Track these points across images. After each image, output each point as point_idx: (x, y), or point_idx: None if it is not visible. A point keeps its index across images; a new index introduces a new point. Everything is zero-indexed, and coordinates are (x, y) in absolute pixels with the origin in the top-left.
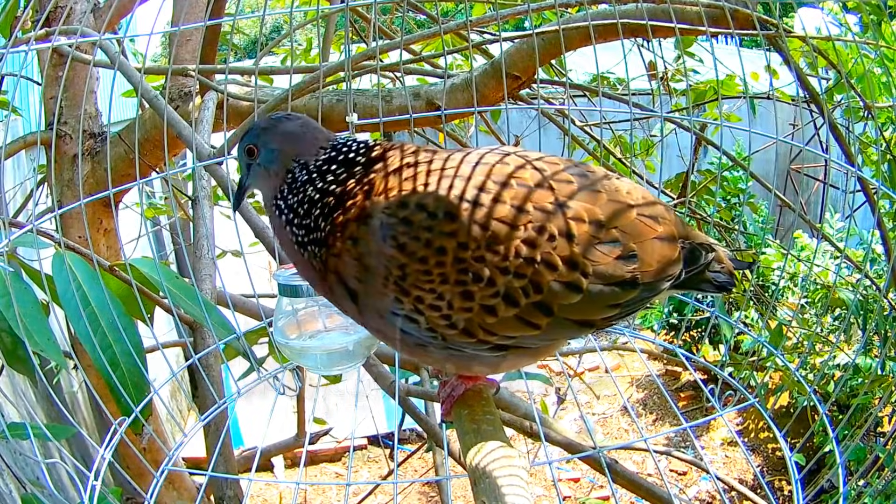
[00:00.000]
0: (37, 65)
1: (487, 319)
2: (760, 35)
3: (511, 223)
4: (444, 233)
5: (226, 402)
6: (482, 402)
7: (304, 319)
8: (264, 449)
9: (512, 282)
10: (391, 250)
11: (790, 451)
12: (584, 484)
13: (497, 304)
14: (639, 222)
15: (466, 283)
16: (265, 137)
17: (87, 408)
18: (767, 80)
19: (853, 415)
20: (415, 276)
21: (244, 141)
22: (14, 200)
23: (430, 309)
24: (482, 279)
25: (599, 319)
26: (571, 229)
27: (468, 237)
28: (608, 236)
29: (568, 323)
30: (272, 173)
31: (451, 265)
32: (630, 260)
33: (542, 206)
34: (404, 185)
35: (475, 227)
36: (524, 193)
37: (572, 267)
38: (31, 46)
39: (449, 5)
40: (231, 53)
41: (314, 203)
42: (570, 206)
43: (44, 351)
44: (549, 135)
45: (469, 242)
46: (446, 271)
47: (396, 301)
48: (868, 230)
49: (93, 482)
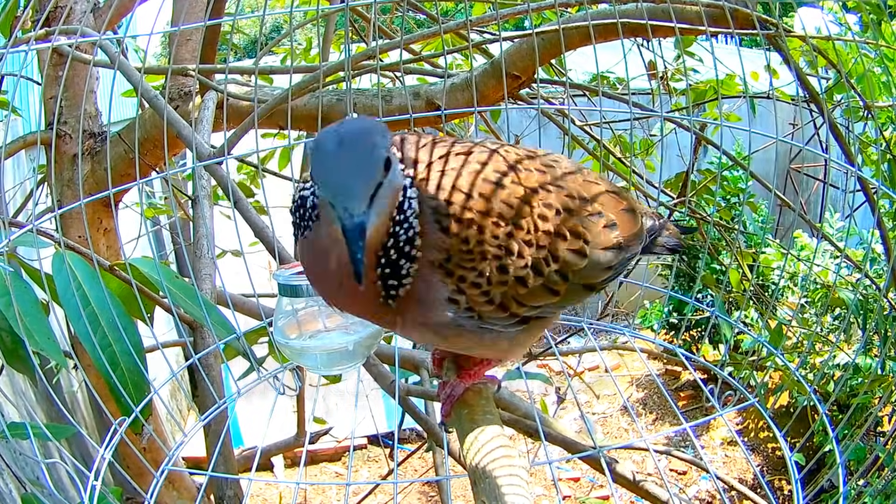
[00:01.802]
0: (37, 65)
1: (520, 290)
2: (760, 34)
3: (528, 201)
4: (480, 212)
5: (226, 402)
6: (482, 401)
7: (304, 319)
8: (264, 449)
9: (536, 253)
10: (437, 234)
11: (790, 451)
12: (583, 483)
13: (527, 275)
14: (609, 197)
15: (501, 258)
16: (387, 140)
17: (86, 408)
18: (767, 79)
19: (853, 414)
20: (458, 257)
21: (374, 149)
22: (14, 200)
23: (472, 287)
24: (513, 253)
25: (598, 282)
26: (569, 205)
27: (499, 215)
28: (594, 210)
29: (578, 287)
30: (396, 190)
31: (489, 242)
32: (612, 228)
33: (546, 186)
34: (432, 173)
35: (503, 205)
36: (532, 176)
37: (576, 236)
38: (31, 46)
39: (449, 5)
40: (231, 53)
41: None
42: (563, 185)
43: (44, 350)
44: (549, 134)
45: (500, 220)
46: (485, 248)
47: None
48: (868, 230)
49: (93, 482)
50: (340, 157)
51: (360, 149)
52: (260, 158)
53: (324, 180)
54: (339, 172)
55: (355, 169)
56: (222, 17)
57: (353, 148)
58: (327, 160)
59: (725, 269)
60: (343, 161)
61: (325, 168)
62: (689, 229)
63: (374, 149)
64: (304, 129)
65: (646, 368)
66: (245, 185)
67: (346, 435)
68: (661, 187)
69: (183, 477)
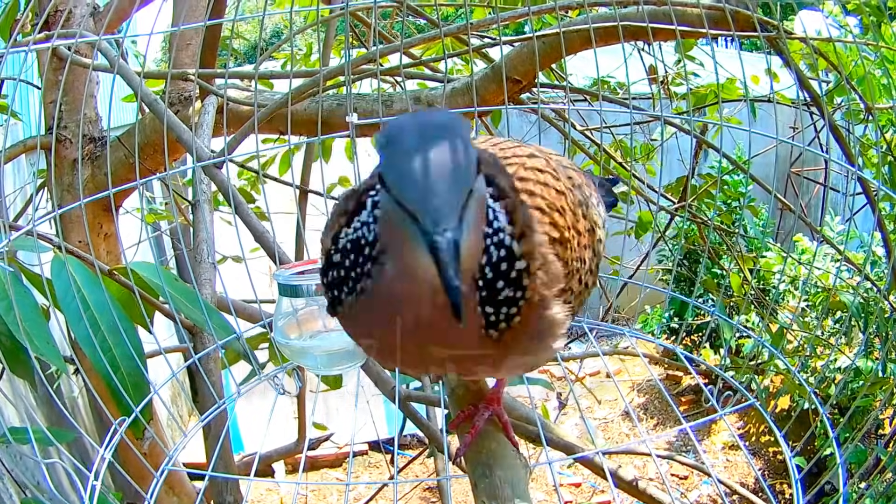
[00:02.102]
0: (37, 69)
1: (592, 274)
2: (761, 37)
3: (574, 203)
4: (561, 208)
5: (225, 402)
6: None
7: (304, 319)
8: (265, 454)
9: (591, 257)
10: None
11: (790, 451)
12: (585, 489)
13: (592, 258)
14: (582, 176)
15: (580, 270)
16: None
17: (87, 413)
18: (768, 83)
19: (853, 417)
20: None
21: (465, 146)
22: (14, 205)
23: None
24: (585, 262)
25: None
26: (580, 198)
27: (573, 224)
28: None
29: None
30: (482, 199)
31: (571, 230)
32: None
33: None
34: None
35: (570, 212)
36: (562, 172)
37: (591, 231)
38: (31, 47)
39: (449, 10)
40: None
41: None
42: (570, 177)
43: (43, 355)
44: (550, 139)
45: (574, 229)
46: (576, 259)
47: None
48: (868, 232)
49: (93, 482)
50: (425, 156)
51: (447, 145)
52: (261, 164)
53: (404, 186)
54: (424, 175)
55: (444, 171)
56: (222, 18)
57: (440, 144)
58: (407, 159)
59: (726, 274)
60: (429, 161)
61: (404, 170)
62: (612, 179)
63: (466, 145)
64: (304, 134)
65: (647, 374)
66: (246, 191)
67: (347, 441)
68: (660, 191)
69: (183, 482)
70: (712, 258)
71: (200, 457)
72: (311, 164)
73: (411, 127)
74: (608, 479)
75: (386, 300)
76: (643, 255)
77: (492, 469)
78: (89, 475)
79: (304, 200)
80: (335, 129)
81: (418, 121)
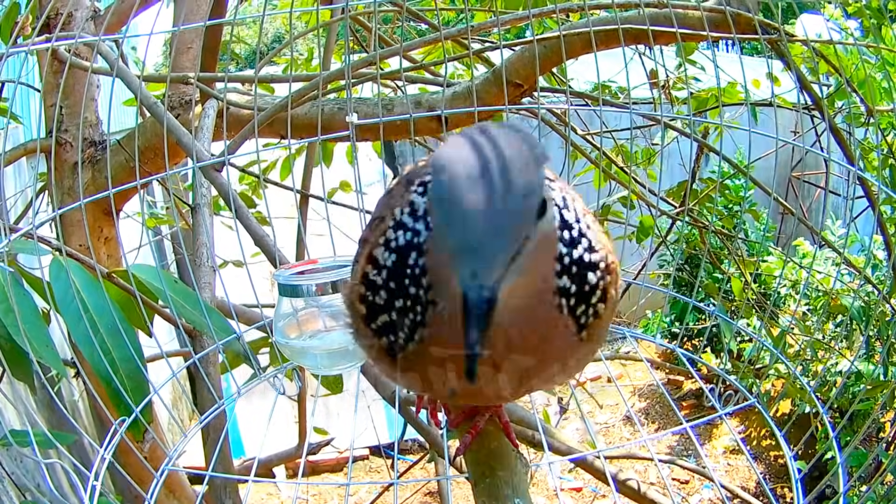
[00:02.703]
0: (37, 72)
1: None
2: (762, 39)
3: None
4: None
5: (224, 402)
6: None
7: (305, 319)
8: (265, 459)
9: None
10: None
11: (789, 449)
12: (586, 493)
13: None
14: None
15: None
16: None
17: (87, 417)
18: (769, 87)
19: (854, 420)
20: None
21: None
22: (15, 208)
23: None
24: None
25: None
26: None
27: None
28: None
29: None
30: (550, 239)
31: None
32: None
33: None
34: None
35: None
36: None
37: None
38: (30, 48)
39: (450, 14)
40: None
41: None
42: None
43: (43, 358)
44: (552, 144)
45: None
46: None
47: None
48: (869, 236)
49: (93, 482)
50: (479, 196)
51: (510, 183)
52: (261, 168)
53: (449, 226)
54: (473, 218)
55: (501, 216)
56: (223, 18)
57: (503, 184)
58: (458, 197)
59: (728, 278)
60: (485, 201)
61: (452, 209)
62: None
63: (533, 188)
64: (304, 138)
65: (648, 378)
66: (246, 196)
67: (348, 446)
68: (660, 195)
69: (183, 486)
70: (713, 262)
71: (200, 461)
72: (312, 169)
73: (472, 154)
74: (610, 483)
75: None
76: (644, 259)
77: (492, 469)
78: (89, 475)
79: (306, 205)
80: (336, 131)
81: (481, 144)
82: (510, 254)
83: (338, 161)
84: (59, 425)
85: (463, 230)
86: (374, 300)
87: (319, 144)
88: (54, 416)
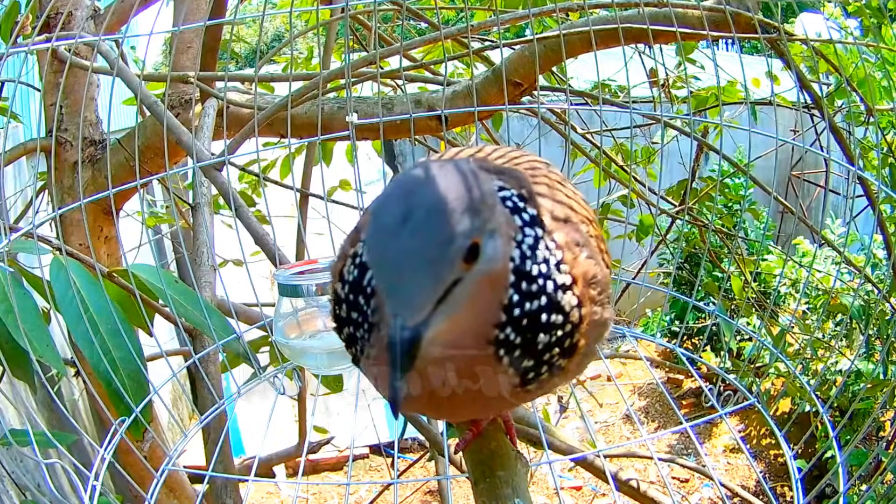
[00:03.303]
0: (38, 71)
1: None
2: (762, 38)
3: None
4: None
5: (224, 402)
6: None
7: (305, 319)
8: (265, 458)
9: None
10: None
11: (790, 448)
12: (586, 492)
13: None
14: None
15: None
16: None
17: (87, 418)
18: (768, 86)
19: (854, 418)
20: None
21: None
22: (15, 207)
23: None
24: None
25: None
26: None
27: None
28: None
29: None
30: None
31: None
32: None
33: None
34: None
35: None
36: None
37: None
38: (30, 47)
39: (450, 14)
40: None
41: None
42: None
43: (43, 357)
44: (551, 143)
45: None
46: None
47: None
48: (869, 235)
49: (93, 482)
50: (401, 240)
51: (432, 233)
52: (261, 168)
53: (376, 268)
54: (395, 262)
55: (419, 261)
56: (223, 18)
57: (424, 230)
58: (384, 240)
59: (728, 277)
60: (405, 246)
61: (379, 251)
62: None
63: (453, 236)
64: (305, 137)
65: (647, 377)
66: (246, 195)
67: (348, 444)
68: (660, 194)
69: (184, 485)
70: (713, 261)
71: (201, 461)
72: (312, 168)
73: (399, 200)
74: (609, 481)
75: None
76: (644, 258)
77: (492, 469)
78: (89, 475)
79: (305, 204)
80: (336, 131)
81: (411, 190)
82: (432, 297)
83: (338, 160)
84: (59, 425)
85: (386, 274)
86: (338, 312)
87: (319, 143)
88: (54, 416)
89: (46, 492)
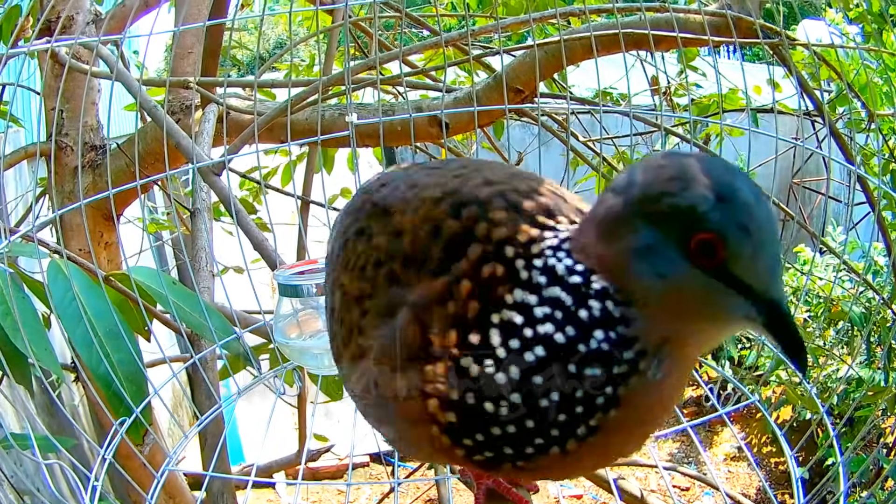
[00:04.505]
0: (38, 75)
1: None
2: (763, 44)
3: None
4: None
5: (222, 404)
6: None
7: (305, 319)
8: (264, 465)
9: None
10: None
11: (790, 450)
12: (587, 501)
13: None
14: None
15: None
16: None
17: (87, 423)
18: (770, 93)
19: (855, 425)
20: None
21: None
22: (16, 211)
23: None
24: None
25: None
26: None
27: None
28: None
29: None
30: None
31: None
32: None
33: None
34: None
35: None
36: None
37: None
38: (30, 48)
39: (451, 21)
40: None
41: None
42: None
43: (42, 362)
44: (552, 151)
45: None
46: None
47: None
48: (869, 242)
49: (93, 482)
50: (770, 217)
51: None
52: (262, 175)
53: (761, 251)
54: (776, 240)
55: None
56: (223, 18)
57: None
58: (760, 218)
59: None
60: (773, 224)
61: (759, 232)
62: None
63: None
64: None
65: None
66: (247, 202)
67: (348, 452)
68: None
69: (183, 491)
70: None
71: (199, 468)
72: (313, 175)
73: (741, 177)
74: (613, 490)
75: (655, 398)
76: None
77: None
78: (90, 475)
79: (306, 211)
80: (337, 139)
81: (722, 167)
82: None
83: (339, 167)
84: (59, 430)
85: (774, 254)
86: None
87: (320, 151)
88: (55, 421)
89: (46, 494)
